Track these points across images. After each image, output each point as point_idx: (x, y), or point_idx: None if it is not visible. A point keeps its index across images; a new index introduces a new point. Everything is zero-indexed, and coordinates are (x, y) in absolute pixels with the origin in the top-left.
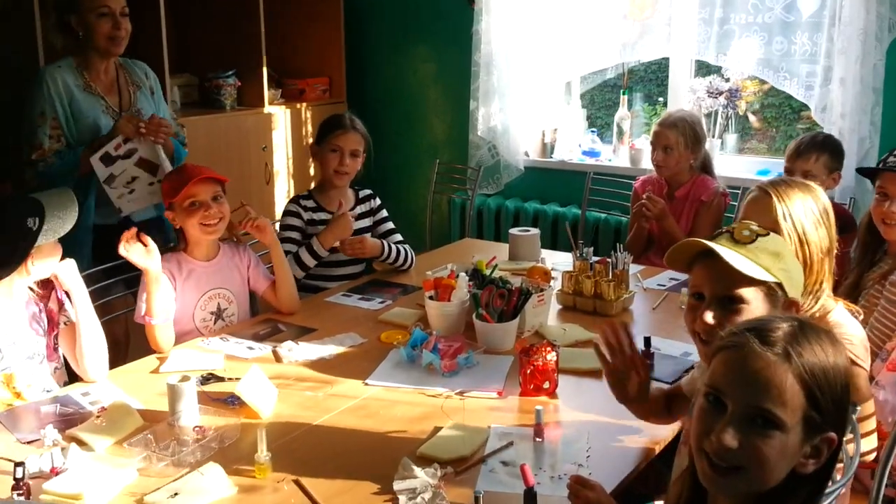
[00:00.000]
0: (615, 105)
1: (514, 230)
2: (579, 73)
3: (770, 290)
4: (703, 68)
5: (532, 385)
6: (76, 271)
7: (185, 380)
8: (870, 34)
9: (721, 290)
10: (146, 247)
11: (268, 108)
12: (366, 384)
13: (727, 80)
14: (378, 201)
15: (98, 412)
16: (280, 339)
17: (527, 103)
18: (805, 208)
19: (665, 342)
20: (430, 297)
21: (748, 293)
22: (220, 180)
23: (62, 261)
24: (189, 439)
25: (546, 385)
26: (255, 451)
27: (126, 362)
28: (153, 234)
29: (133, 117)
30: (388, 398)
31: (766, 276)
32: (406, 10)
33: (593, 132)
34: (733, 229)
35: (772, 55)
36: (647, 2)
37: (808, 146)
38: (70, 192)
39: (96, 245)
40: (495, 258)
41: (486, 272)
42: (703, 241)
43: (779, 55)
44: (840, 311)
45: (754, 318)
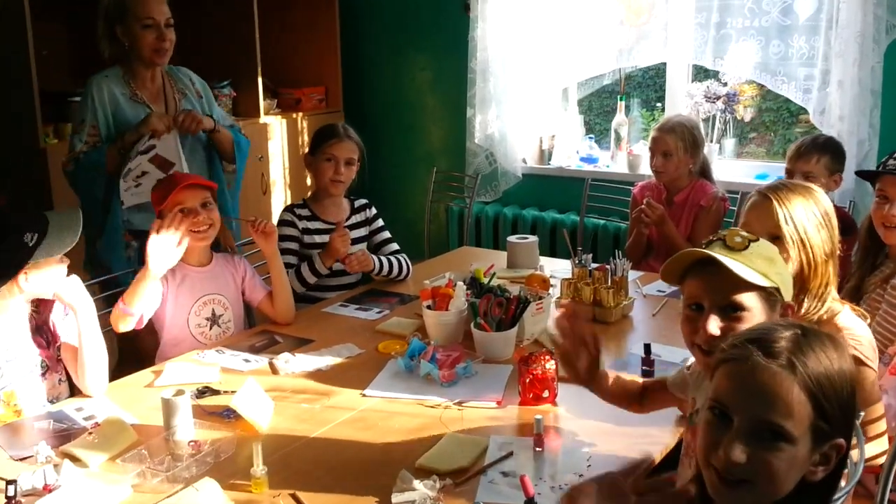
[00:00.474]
0: (612, 111)
1: (512, 238)
2: (576, 80)
3: (769, 295)
4: (700, 73)
5: (531, 394)
6: (81, 288)
7: (179, 394)
8: (867, 37)
9: (721, 299)
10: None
11: (263, 119)
12: (363, 395)
13: (724, 84)
14: (374, 211)
15: (91, 428)
16: (277, 351)
17: (524, 110)
18: (806, 211)
19: (665, 349)
20: (428, 307)
21: (749, 299)
22: (209, 187)
23: (67, 277)
24: (184, 454)
25: (546, 394)
26: (251, 466)
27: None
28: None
29: (164, 115)
30: (386, 409)
31: (766, 282)
32: (402, 18)
33: (591, 138)
34: (724, 237)
35: (769, 59)
36: (643, 7)
37: (809, 148)
38: (78, 212)
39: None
40: (493, 266)
41: (485, 281)
42: (703, 251)
43: (776, 59)
44: (847, 314)
45: (755, 327)
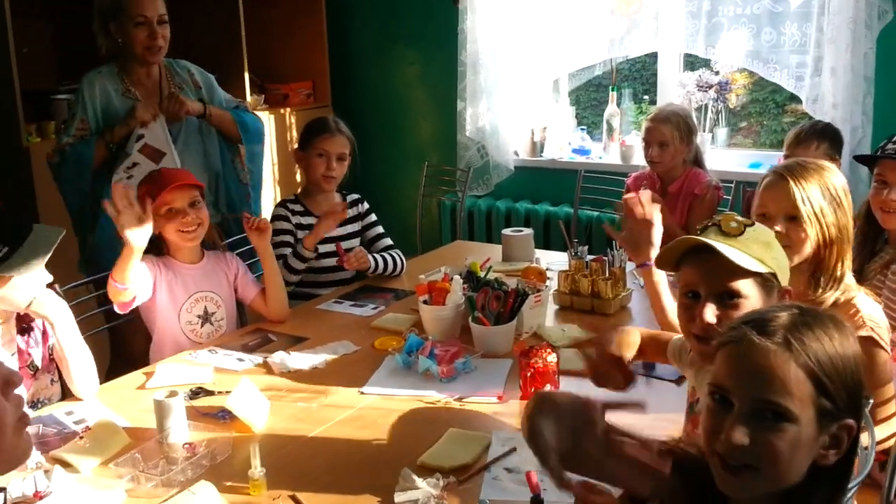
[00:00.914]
0: (601, 103)
1: (506, 231)
2: (567, 71)
3: (766, 281)
4: (690, 62)
5: (533, 388)
6: (54, 300)
7: (172, 395)
8: (859, 22)
9: (718, 286)
10: (142, 214)
11: None
12: (361, 393)
13: (716, 73)
14: (366, 206)
15: (82, 432)
16: (271, 350)
17: (515, 102)
18: (823, 190)
19: None
20: (425, 302)
21: (745, 286)
22: (198, 186)
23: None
24: (179, 457)
25: (547, 388)
26: (248, 467)
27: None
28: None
29: (150, 104)
30: (385, 407)
31: (762, 268)
32: (389, 10)
33: (583, 130)
34: (719, 222)
35: (761, 46)
36: None
37: (809, 134)
38: (60, 231)
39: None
40: (489, 260)
41: (481, 274)
42: (698, 238)
43: (768, 46)
44: (863, 297)
45: (752, 310)
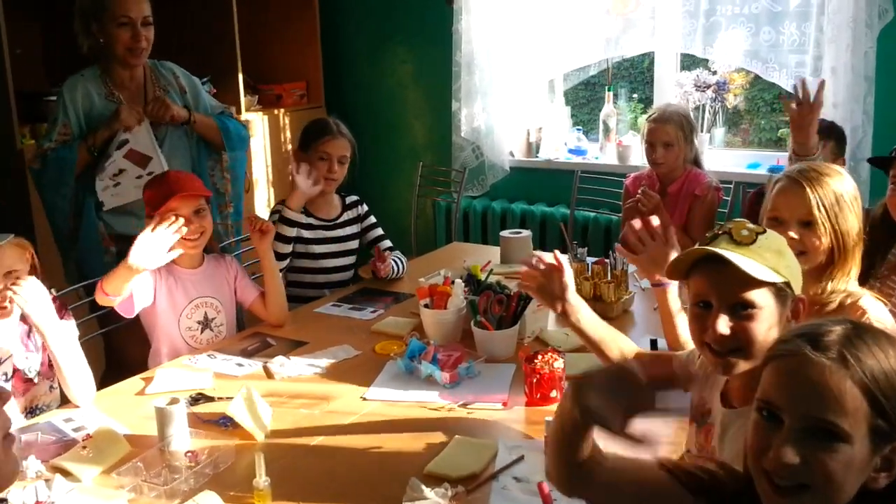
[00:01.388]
0: (595, 102)
1: (504, 232)
2: (563, 71)
3: (780, 290)
4: (687, 62)
5: (538, 394)
6: (48, 310)
7: (173, 402)
8: (860, 22)
9: (731, 297)
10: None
11: (244, 115)
12: (364, 399)
13: (714, 73)
14: (365, 208)
15: (83, 440)
16: (270, 354)
17: (510, 102)
18: (837, 196)
19: None
20: (426, 306)
21: (759, 296)
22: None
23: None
24: (181, 465)
25: (553, 393)
26: (251, 475)
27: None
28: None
29: (134, 108)
30: (389, 413)
31: (777, 277)
32: (383, 10)
33: (578, 130)
34: (730, 230)
35: (760, 46)
36: None
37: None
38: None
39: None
40: (490, 263)
41: (482, 277)
42: (712, 249)
43: (767, 46)
44: (869, 298)
45: (804, 323)
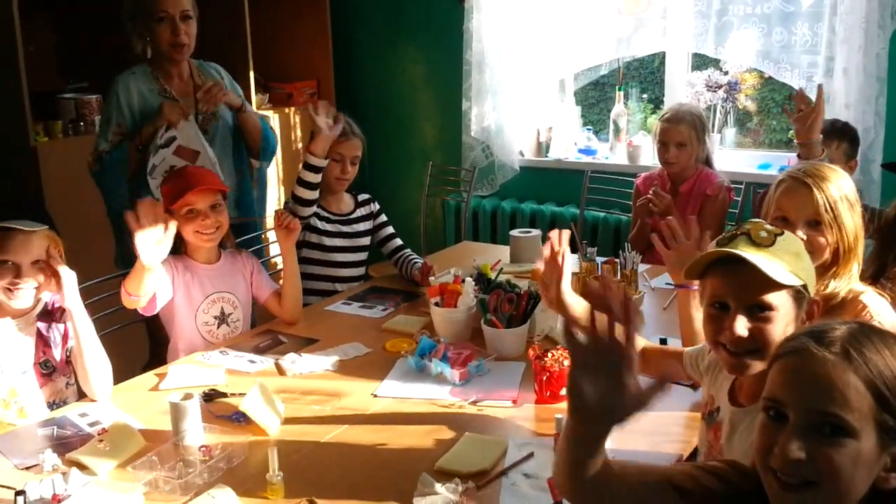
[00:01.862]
0: (605, 102)
1: (514, 232)
2: (574, 70)
3: (797, 293)
4: (699, 62)
5: (548, 392)
6: (75, 294)
7: (187, 397)
8: (872, 22)
9: (749, 299)
10: (162, 237)
11: None
12: (375, 396)
13: (725, 73)
14: (377, 206)
15: (98, 434)
16: (282, 352)
17: (521, 102)
18: (840, 195)
19: (679, 342)
20: (436, 304)
21: (777, 299)
22: (221, 189)
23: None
24: (195, 460)
25: (563, 391)
26: (264, 470)
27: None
28: None
29: (176, 104)
30: (399, 410)
31: (796, 280)
32: (394, 9)
33: (589, 130)
34: (749, 230)
35: (771, 46)
36: None
37: (828, 133)
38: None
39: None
40: (500, 262)
41: (492, 276)
42: (733, 251)
43: (779, 46)
44: (871, 294)
45: (810, 324)
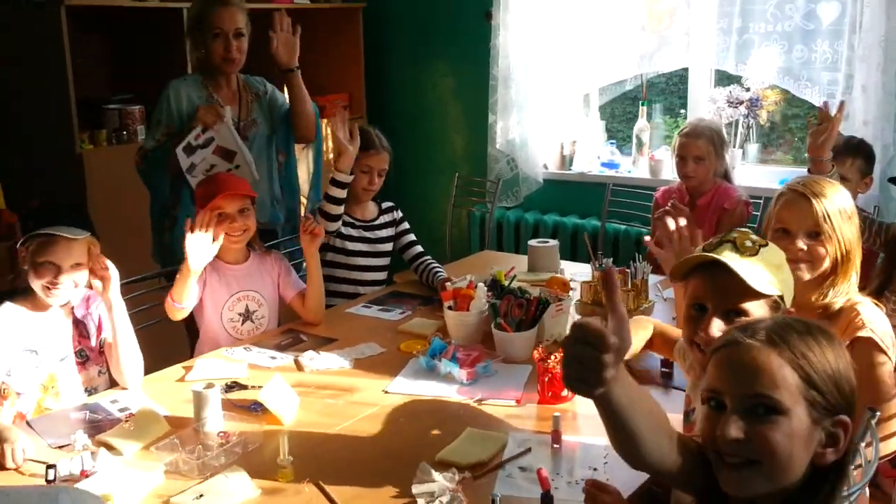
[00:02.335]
0: (635, 117)
1: (532, 241)
2: (598, 85)
3: (774, 304)
4: (722, 78)
5: (550, 392)
6: (118, 290)
7: (209, 387)
8: (891, 41)
9: (727, 303)
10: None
11: None
12: (385, 392)
13: (747, 89)
14: (400, 213)
15: (126, 418)
16: (302, 349)
17: (545, 116)
18: (838, 207)
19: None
20: (450, 307)
21: (753, 306)
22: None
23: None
24: (213, 444)
25: (565, 392)
26: (277, 456)
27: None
28: None
29: (212, 106)
30: (408, 406)
31: (774, 290)
32: (424, 26)
33: (612, 144)
34: (735, 239)
35: (792, 63)
36: (664, 13)
37: (844, 150)
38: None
39: None
40: (514, 269)
41: (505, 283)
42: (717, 256)
43: (799, 63)
44: (867, 304)
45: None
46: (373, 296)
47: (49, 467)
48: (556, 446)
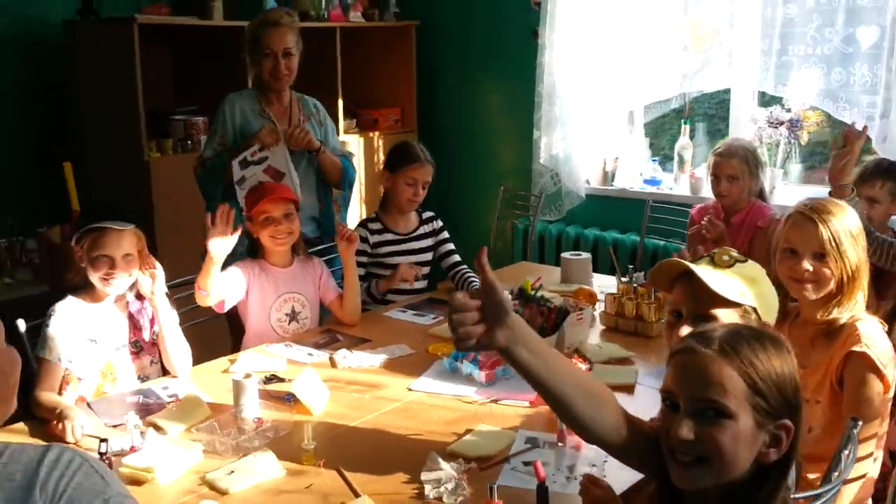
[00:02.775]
0: (675, 132)
1: (565, 254)
2: (640, 104)
3: (745, 313)
4: (766, 97)
5: None
6: (163, 291)
7: (247, 377)
8: None
9: (697, 309)
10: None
11: (343, 137)
12: (409, 389)
13: (788, 110)
14: (440, 223)
15: (173, 402)
16: (337, 348)
17: (588, 132)
18: (844, 229)
19: None
20: None
21: (722, 314)
22: (293, 200)
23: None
24: (248, 429)
25: None
26: (302, 441)
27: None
28: None
29: (274, 129)
30: (429, 403)
31: (740, 299)
32: (474, 43)
33: (655, 161)
34: (714, 254)
35: (831, 85)
36: (707, 34)
37: (874, 172)
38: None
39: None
40: (540, 279)
41: (531, 292)
42: (684, 262)
43: (838, 86)
44: (870, 323)
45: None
46: (410, 301)
47: (102, 441)
48: (560, 444)
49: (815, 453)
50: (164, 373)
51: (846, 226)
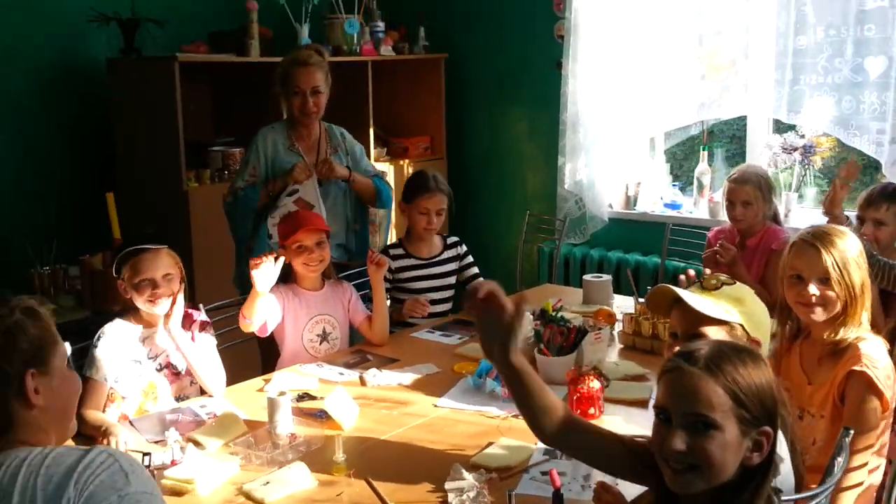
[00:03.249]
0: (695, 157)
1: (587, 276)
2: (660, 131)
3: (732, 330)
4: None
5: (579, 410)
6: (179, 324)
7: (281, 395)
8: None
9: (690, 330)
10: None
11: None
12: (435, 406)
13: (802, 136)
14: (464, 248)
15: (211, 419)
16: (366, 367)
17: (611, 159)
18: (847, 255)
19: None
20: None
21: (711, 332)
22: (325, 230)
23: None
24: (282, 444)
25: (592, 410)
26: (333, 454)
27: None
28: None
29: (305, 166)
30: (453, 418)
31: (726, 317)
32: (501, 74)
33: (676, 186)
34: (703, 280)
35: (842, 113)
36: (724, 64)
37: (879, 196)
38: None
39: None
40: (561, 300)
41: (552, 313)
42: (671, 287)
43: (848, 113)
44: (873, 342)
45: (684, 346)
46: (437, 322)
47: (145, 454)
48: None
49: (818, 464)
50: (202, 393)
51: (848, 249)
